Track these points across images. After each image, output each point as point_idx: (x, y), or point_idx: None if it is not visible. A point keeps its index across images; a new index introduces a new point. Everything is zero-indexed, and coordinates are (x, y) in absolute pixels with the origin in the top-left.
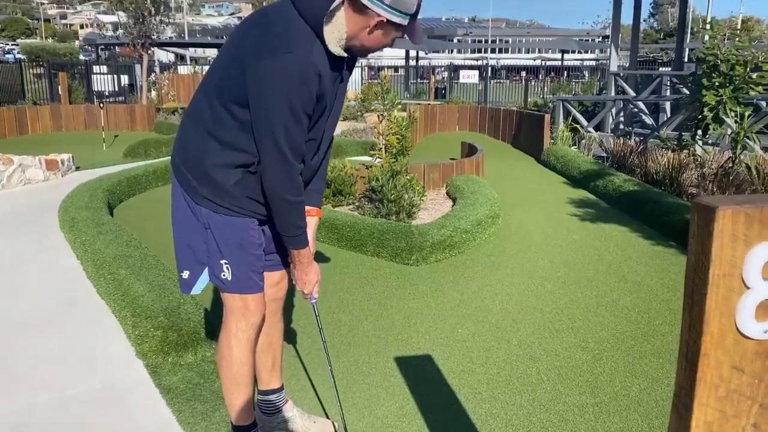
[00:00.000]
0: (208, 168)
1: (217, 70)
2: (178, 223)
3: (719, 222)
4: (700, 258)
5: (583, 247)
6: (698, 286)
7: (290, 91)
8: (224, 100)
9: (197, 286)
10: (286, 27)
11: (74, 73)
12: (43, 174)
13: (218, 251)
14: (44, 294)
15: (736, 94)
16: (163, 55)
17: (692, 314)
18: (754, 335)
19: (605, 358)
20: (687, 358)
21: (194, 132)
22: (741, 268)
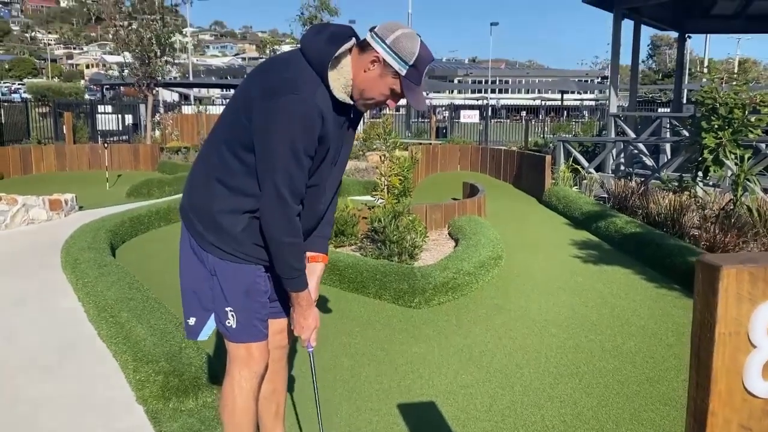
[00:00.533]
0: (216, 214)
1: (226, 117)
2: (185, 269)
3: (724, 281)
4: (706, 316)
5: (587, 289)
6: (705, 344)
7: (292, 131)
8: (232, 145)
9: (204, 332)
10: (292, 72)
11: (79, 112)
12: (47, 214)
13: (223, 298)
14: (45, 336)
15: (735, 137)
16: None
17: (699, 372)
18: (762, 394)
19: (610, 405)
20: (695, 416)
21: (203, 178)
22: (747, 326)
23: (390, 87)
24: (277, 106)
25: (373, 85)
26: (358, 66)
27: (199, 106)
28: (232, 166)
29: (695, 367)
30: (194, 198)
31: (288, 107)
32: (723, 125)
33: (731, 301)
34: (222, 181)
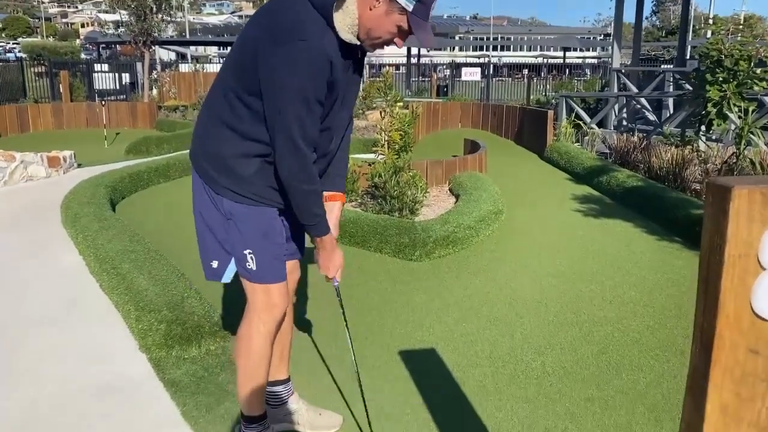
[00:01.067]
0: (227, 158)
1: (230, 61)
2: (202, 214)
3: (735, 202)
4: (715, 239)
5: (588, 242)
6: (713, 268)
7: (302, 79)
8: (238, 91)
9: (227, 274)
10: (298, 14)
11: (75, 71)
12: (45, 171)
13: (242, 241)
14: (48, 290)
15: (740, 90)
16: (164, 54)
17: (707, 296)
18: None
19: (610, 352)
20: (702, 341)
21: (211, 124)
22: (757, 248)
23: (397, 24)
24: (284, 54)
25: (380, 23)
26: (364, 4)
27: (196, 64)
28: (239, 112)
29: (703, 291)
30: (205, 145)
31: (296, 55)
32: (728, 77)
33: (742, 222)
34: (230, 126)
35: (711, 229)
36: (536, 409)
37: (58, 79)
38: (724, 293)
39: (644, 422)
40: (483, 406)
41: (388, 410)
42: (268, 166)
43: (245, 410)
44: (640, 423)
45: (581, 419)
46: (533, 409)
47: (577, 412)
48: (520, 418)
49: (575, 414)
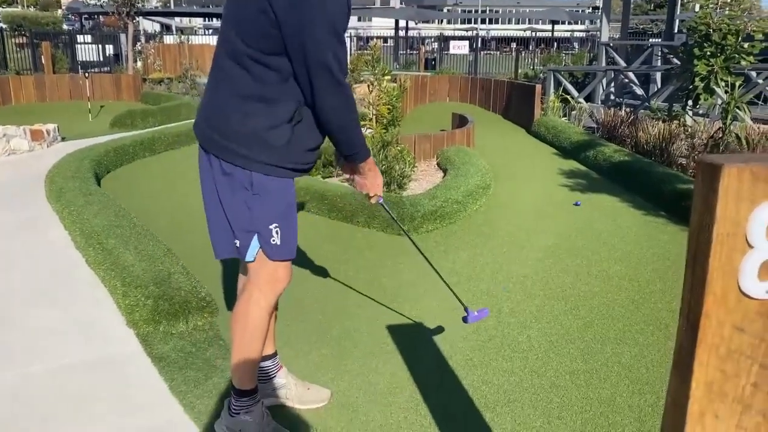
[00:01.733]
0: (259, 131)
1: (236, 26)
2: (219, 194)
3: (725, 180)
4: (705, 217)
5: (574, 217)
6: (701, 246)
7: (330, 10)
8: (255, 55)
9: (250, 252)
10: None
11: (58, 42)
12: (28, 144)
13: (268, 215)
14: (33, 265)
15: (727, 64)
16: (148, 25)
17: (695, 274)
18: (757, 295)
19: (596, 326)
20: (688, 318)
21: (233, 99)
22: (745, 227)
23: None
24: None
25: None
26: None
27: (181, 36)
28: (263, 76)
29: (691, 268)
30: (228, 121)
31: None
32: (715, 52)
33: (731, 200)
34: (256, 96)
35: (700, 208)
36: (521, 382)
37: (40, 50)
38: (711, 272)
39: (628, 394)
40: (469, 378)
41: (376, 384)
42: (299, 127)
43: (238, 384)
44: (624, 395)
45: (566, 391)
46: (518, 382)
47: (562, 385)
48: (506, 391)
49: (560, 386)
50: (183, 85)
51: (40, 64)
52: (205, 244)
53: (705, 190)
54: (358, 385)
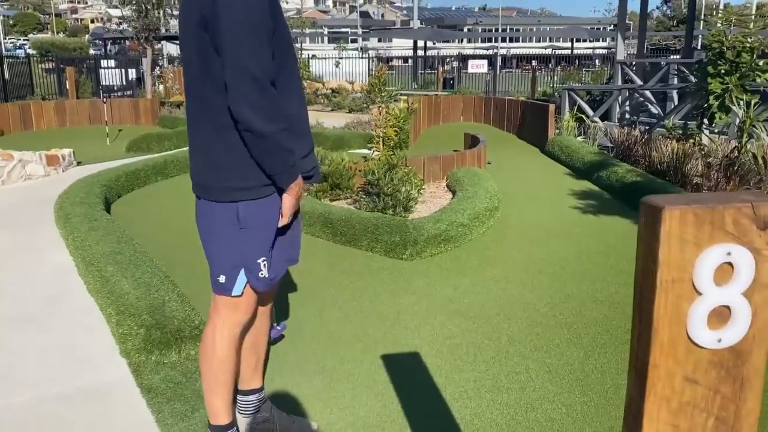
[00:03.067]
0: (221, 155)
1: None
2: (210, 235)
3: (666, 223)
4: (648, 262)
5: (583, 239)
6: (646, 292)
7: (245, 9)
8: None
9: (237, 287)
10: None
11: (82, 67)
12: (44, 169)
13: (257, 249)
14: (33, 289)
15: (742, 82)
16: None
17: (641, 322)
18: (708, 344)
19: (597, 355)
20: (636, 368)
21: (200, 139)
22: (691, 272)
23: None
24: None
25: None
26: None
27: None
28: (210, 100)
29: (637, 316)
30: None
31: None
32: (730, 70)
33: (674, 244)
34: (211, 122)
35: (643, 252)
36: (515, 415)
37: (65, 75)
38: (657, 320)
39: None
40: (462, 413)
41: (366, 418)
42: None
43: (211, 419)
44: (621, 429)
45: (561, 425)
46: (512, 415)
47: (557, 418)
48: (498, 425)
49: (555, 420)
50: None
51: (65, 88)
52: (205, 270)
53: (647, 233)
54: (346, 418)
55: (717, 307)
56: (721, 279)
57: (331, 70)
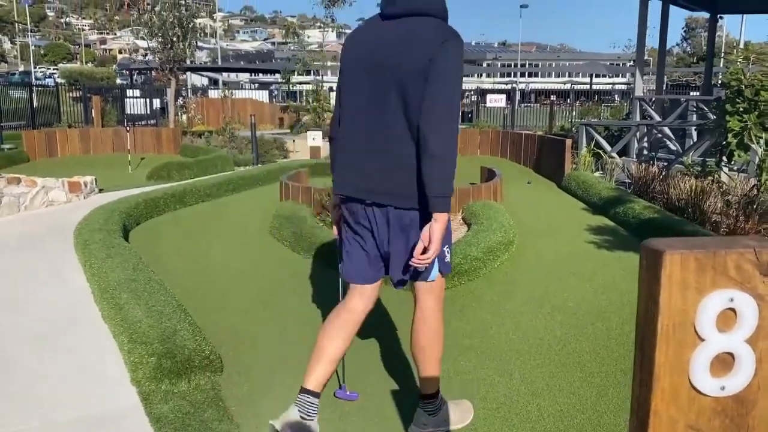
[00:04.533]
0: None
1: (394, 89)
2: (411, 240)
3: (667, 268)
4: (649, 307)
5: (598, 275)
6: (647, 338)
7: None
8: (409, 113)
9: (433, 274)
10: (439, 21)
11: (108, 96)
12: (66, 196)
13: (444, 239)
14: (49, 315)
15: (761, 120)
16: (197, 79)
17: (642, 368)
18: (711, 392)
19: (611, 395)
20: (638, 415)
21: (407, 160)
22: (693, 318)
23: None
24: (455, 45)
25: None
26: None
27: (225, 90)
28: (406, 132)
29: (639, 362)
30: (401, 175)
31: (459, 49)
32: (749, 108)
33: (676, 289)
34: (411, 150)
35: (644, 296)
36: None
37: (91, 104)
38: (659, 366)
39: None
40: None
41: None
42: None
43: (430, 390)
44: None
45: None
46: None
47: None
48: None
49: None
50: (222, 138)
51: (91, 117)
52: (217, 299)
53: (648, 277)
54: None
55: (720, 354)
56: (724, 325)
57: None
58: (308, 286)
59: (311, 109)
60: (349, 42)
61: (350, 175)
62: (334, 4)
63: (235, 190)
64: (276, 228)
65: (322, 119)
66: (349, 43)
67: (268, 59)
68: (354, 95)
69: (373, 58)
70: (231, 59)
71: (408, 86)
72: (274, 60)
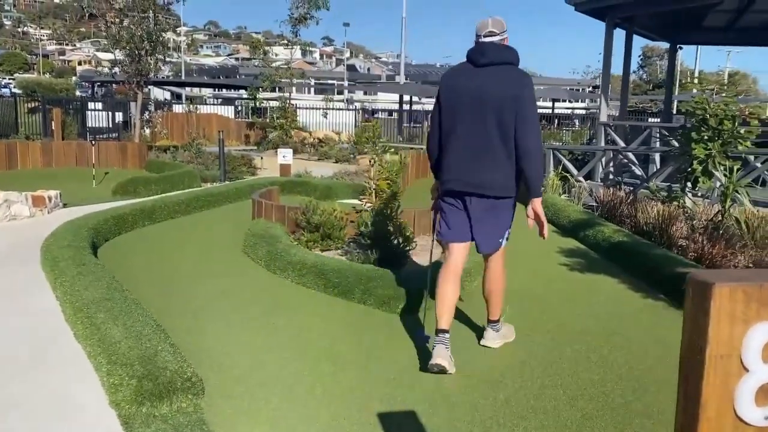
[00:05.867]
0: (511, 177)
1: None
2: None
3: (716, 300)
4: (695, 338)
5: (573, 299)
6: (694, 368)
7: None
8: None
9: (503, 244)
10: (517, 67)
11: (69, 108)
12: (29, 210)
13: (507, 224)
14: (19, 335)
15: (724, 148)
16: (159, 93)
17: (687, 397)
18: (755, 422)
19: (595, 418)
20: None
21: (501, 163)
22: (740, 349)
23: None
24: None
25: None
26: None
27: (190, 105)
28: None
29: (683, 391)
30: (496, 176)
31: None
32: (713, 136)
33: (723, 321)
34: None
35: (691, 328)
36: None
37: (51, 116)
38: (705, 396)
39: None
40: None
41: None
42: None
43: (495, 316)
44: None
45: None
46: None
47: None
48: None
49: None
50: (188, 153)
51: (50, 129)
52: (193, 319)
53: (695, 310)
54: None
55: (765, 385)
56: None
57: (318, 120)
58: (284, 306)
59: (278, 126)
60: (447, 82)
61: (456, 175)
62: (300, 23)
63: (204, 207)
64: (250, 246)
65: (289, 136)
66: (446, 83)
67: (233, 75)
68: (459, 117)
69: (474, 93)
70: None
71: (504, 111)
72: (239, 76)
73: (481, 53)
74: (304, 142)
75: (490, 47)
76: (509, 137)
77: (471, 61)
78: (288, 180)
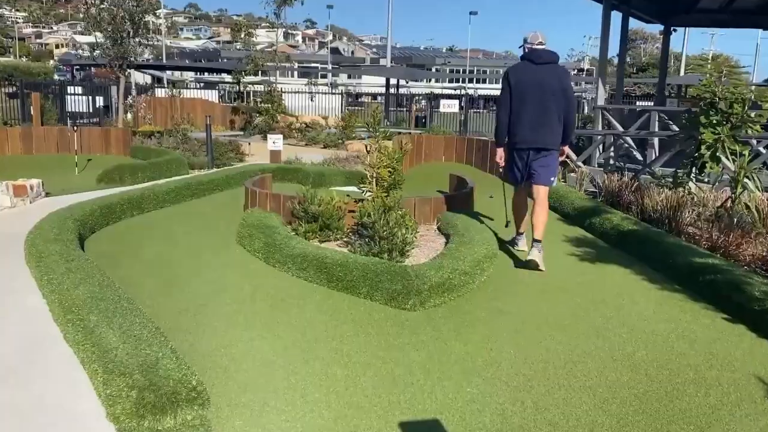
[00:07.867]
0: (557, 134)
1: (554, 99)
2: (549, 163)
3: None
4: None
5: (587, 290)
6: None
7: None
8: (559, 110)
9: (554, 182)
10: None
11: (48, 93)
12: (10, 200)
13: (556, 168)
14: (4, 338)
15: (734, 133)
16: (139, 77)
17: None
18: None
19: (631, 424)
20: None
21: (555, 129)
22: None
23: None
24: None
25: None
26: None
27: (173, 89)
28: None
29: None
30: (554, 133)
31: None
32: (722, 120)
33: None
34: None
35: None
36: None
37: (29, 100)
38: None
39: None
40: None
41: None
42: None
43: (540, 236)
44: None
45: None
46: None
47: None
48: None
49: None
50: (174, 139)
51: (29, 114)
52: (191, 318)
53: None
54: None
55: None
56: None
57: (304, 104)
58: (286, 303)
59: (264, 110)
60: (514, 73)
61: (526, 136)
62: (285, 3)
63: (195, 196)
64: (246, 237)
65: (275, 121)
66: (514, 73)
67: (215, 58)
68: (528, 99)
69: (537, 82)
70: (176, 57)
71: (558, 96)
72: (221, 59)
73: (538, 56)
74: (291, 127)
75: (544, 52)
76: (560, 112)
77: (530, 61)
78: (279, 167)
